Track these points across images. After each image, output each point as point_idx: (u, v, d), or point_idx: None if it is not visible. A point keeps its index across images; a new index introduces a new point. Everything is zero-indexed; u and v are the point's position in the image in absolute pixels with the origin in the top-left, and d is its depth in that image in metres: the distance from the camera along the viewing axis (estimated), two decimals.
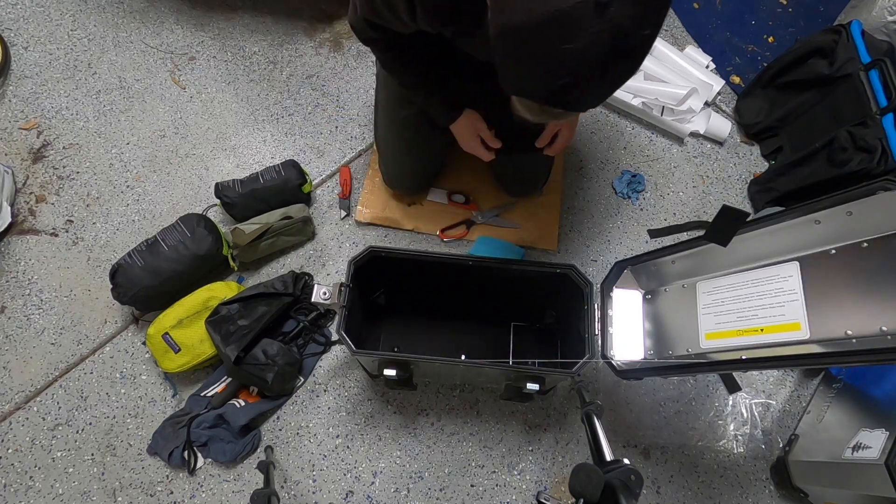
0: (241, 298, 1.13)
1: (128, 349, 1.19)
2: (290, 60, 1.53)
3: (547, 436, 1.17)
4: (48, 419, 1.13)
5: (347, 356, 1.21)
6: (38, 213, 1.30)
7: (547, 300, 1.14)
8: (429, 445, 1.15)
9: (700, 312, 0.91)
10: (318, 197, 1.37)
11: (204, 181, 1.36)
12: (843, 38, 1.29)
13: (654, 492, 1.15)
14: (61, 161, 1.35)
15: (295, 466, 1.12)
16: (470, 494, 1.12)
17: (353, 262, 0.95)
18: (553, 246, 1.34)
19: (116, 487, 1.08)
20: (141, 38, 1.52)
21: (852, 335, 0.69)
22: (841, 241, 0.75)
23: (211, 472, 1.10)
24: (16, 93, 1.42)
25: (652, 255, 0.99)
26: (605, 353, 0.98)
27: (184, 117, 1.43)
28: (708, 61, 1.61)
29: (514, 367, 1.01)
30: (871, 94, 1.21)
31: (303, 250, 1.30)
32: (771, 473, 1.18)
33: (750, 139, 1.55)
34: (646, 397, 1.22)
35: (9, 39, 1.47)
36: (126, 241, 1.27)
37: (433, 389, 1.19)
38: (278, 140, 1.42)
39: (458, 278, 1.06)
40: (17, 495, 1.07)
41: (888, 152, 1.13)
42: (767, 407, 1.23)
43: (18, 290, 1.22)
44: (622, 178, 1.43)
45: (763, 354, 0.79)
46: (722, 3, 1.76)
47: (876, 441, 0.96)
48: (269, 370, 1.09)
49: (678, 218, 1.43)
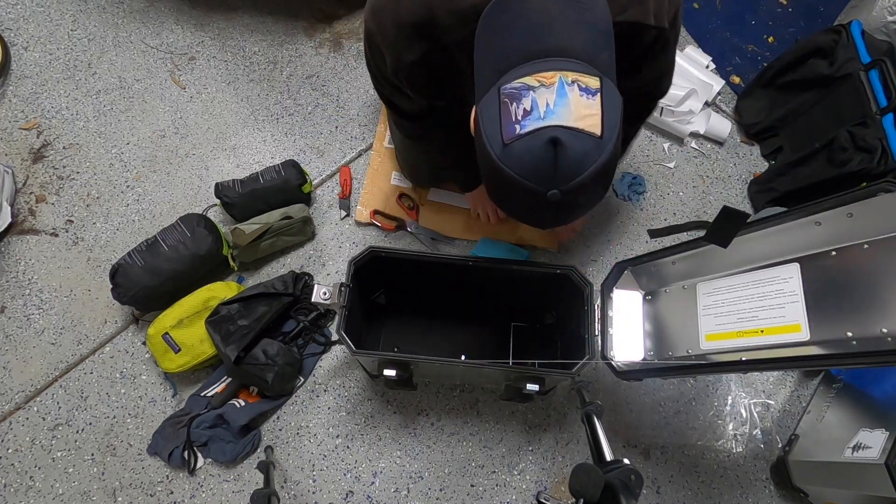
0: (241, 298, 1.13)
1: (128, 349, 1.19)
2: (290, 60, 1.52)
3: (547, 436, 1.17)
4: (48, 419, 1.13)
5: (347, 356, 1.21)
6: (38, 213, 1.30)
7: (547, 300, 1.14)
8: (429, 445, 1.15)
9: (700, 313, 0.91)
10: (318, 197, 1.37)
11: (204, 181, 1.36)
12: (843, 38, 1.29)
13: (654, 492, 1.15)
14: (61, 161, 1.35)
15: (295, 466, 1.12)
16: (470, 494, 1.12)
17: (353, 262, 0.95)
18: (554, 245, 1.34)
19: (116, 487, 1.08)
20: (141, 38, 1.51)
21: (853, 337, 0.69)
22: (841, 243, 0.75)
23: (211, 472, 1.10)
24: (16, 93, 1.42)
25: (652, 255, 0.99)
26: (605, 354, 0.98)
27: (184, 117, 1.43)
28: (708, 61, 1.61)
29: (514, 368, 1.01)
30: (871, 94, 1.21)
31: (303, 250, 1.30)
32: (771, 473, 1.18)
33: (750, 139, 1.55)
34: (646, 397, 1.22)
35: (9, 39, 1.47)
36: (126, 241, 1.27)
37: (433, 389, 1.19)
38: (278, 140, 1.42)
39: (459, 278, 1.06)
40: (17, 495, 1.07)
41: (888, 152, 1.13)
42: (767, 407, 1.23)
43: (18, 290, 1.22)
44: (623, 181, 1.43)
45: (763, 356, 0.79)
46: (722, 3, 1.76)
47: (876, 441, 0.96)
48: (269, 370, 1.09)
49: (678, 218, 1.42)
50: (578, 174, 0.60)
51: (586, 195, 0.64)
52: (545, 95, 0.60)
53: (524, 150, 0.60)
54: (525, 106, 0.61)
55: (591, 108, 0.60)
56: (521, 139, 0.60)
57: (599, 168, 0.61)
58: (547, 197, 0.61)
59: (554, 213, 0.65)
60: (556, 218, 0.68)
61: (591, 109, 0.60)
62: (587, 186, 0.62)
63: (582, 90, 0.60)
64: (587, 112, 0.60)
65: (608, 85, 0.62)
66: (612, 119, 0.61)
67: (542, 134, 0.59)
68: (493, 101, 0.63)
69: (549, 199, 0.61)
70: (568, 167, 0.60)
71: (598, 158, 0.60)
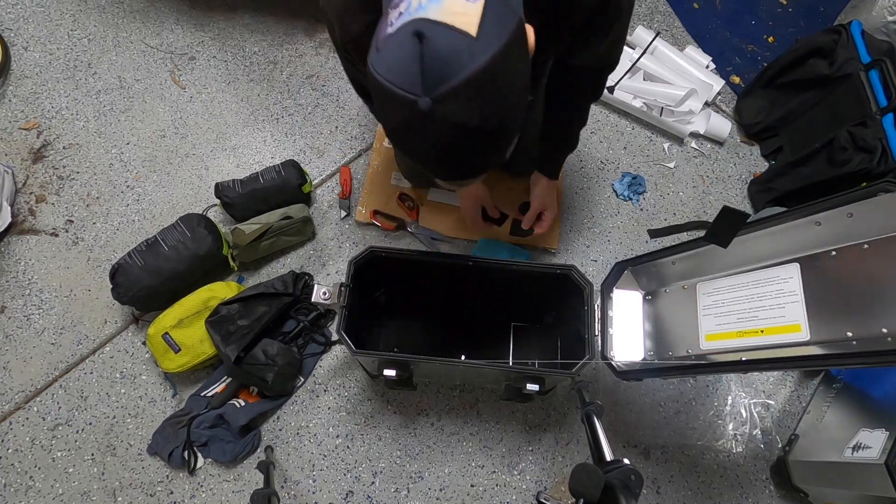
0: (241, 298, 1.13)
1: (128, 349, 1.19)
2: (290, 60, 1.52)
3: (547, 436, 1.17)
4: (48, 419, 1.13)
5: (347, 356, 1.21)
6: (38, 213, 1.30)
7: (547, 300, 1.14)
8: (429, 445, 1.15)
9: (700, 314, 0.91)
10: (318, 197, 1.37)
11: (204, 181, 1.36)
12: (843, 38, 1.29)
13: (654, 492, 1.15)
14: (61, 161, 1.35)
15: (295, 466, 1.12)
16: (470, 494, 1.12)
17: (353, 262, 0.95)
18: (554, 244, 1.34)
19: (116, 487, 1.08)
20: (141, 38, 1.51)
21: (852, 337, 0.69)
22: (842, 243, 0.75)
23: (211, 472, 1.10)
24: (16, 93, 1.42)
25: (652, 255, 0.99)
26: (605, 354, 0.98)
27: (184, 117, 1.43)
28: (708, 61, 1.61)
29: (513, 368, 1.01)
30: (871, 94, 1.21)
31: (303, 250, 1.30)
32: (771, 473, 1.18)
33: (750, 139, 1.55)
34: (646, 397, 1.22)
35: (9, 39, 1.47)
36: (126, 241, 1.27)
37: (433, 389, 1.19)
38: (278, 140, 1.42)
39: (459, 278, 1.06)
40: (17, 495, 1.07)
41: (888, 152, 1.13)
42: (767, 407, 1.23)
43: (18, 290, 1.22)
44: (623, 181, 1.43)
45: (763, 356, 0.79)
46: (722, 3, 1.76)
47: (876, 441, 0.96)
48: (269, 370, 1.09)
49: (678, 218, 1.43)
50: (448, 77, 0.55)
51: (464, 110, 0.57)
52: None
53: (391, 49, 0.57)
54: (400, 9, 0.57)
55: (468, 9, 0.56)
56: (390, 38, 0.57)
57: (474, 75, 0.55)
58: (418, 106, 0.56)
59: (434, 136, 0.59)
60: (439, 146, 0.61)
61: (466, 9, 0.56)
62: (461, 96, 0.56)
63: None
64: (461, 10, 0.55)
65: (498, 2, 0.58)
66: (497, 28, 0.57)
67: (407, 28, 0.55)
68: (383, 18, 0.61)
69: (420, 108, 0.56)
70: (434, 65, 0.55)
71: (471, 63, 0.55)
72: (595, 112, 1.53)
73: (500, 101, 0.59)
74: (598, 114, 1.53)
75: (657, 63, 1.53)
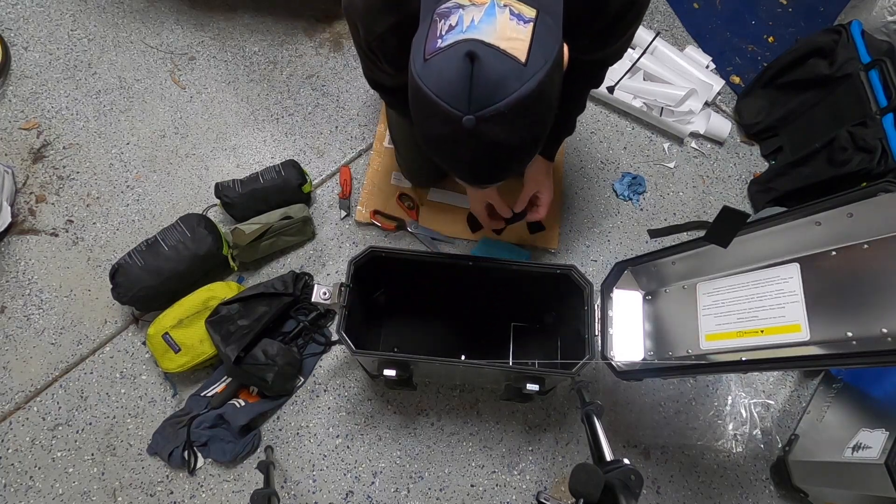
0: (241, 298, 1.13)
1: (128, 349, 1.19)
2: (290, 60, 1.52)
3: (547, 436, 1.17)
4: (48, 419, 1.13)
5: (347, 356, 1.21)
6: (38, 213, 1.30)
7: (547, 300, 1.14)
8: (429, 445, 1.15)
9: (700, 314, 0.91)
10: (318, 197, 1.37)
11: (204, 181, 1.36)
12: (843, 38, 1.29)
13: (654, 492, 1.15)
14: (61, 161, 1.35)
15: (295, 466, 1.12)
16: (470, 494, 1.12)
17: (353, 262, 0.95)
18: (554, 244, 1.34)
19: (116, 487, 1.08)
20: (141, 38, 1.51)
21: (852, 337, 0.69)
22: (841, 243, 0.75)
23: (211, 472, 1.10)
24: (16, 93, 1.42)
25: (652, 255, 0.99)
26: (605, 354, 0.98)
27: (184, 117, 1.43)
28: (708, 61, 1.61)
29: (514, 368, 1.01)
30: (871, 94, 1.21)
31: (303, 250, 1.30)
32: (771, 473, 1.18)
33: (750, 139, 1.55)
34: (646, 397, 1.22)
35: (9, 39, 1.47)
36: (126, 241, 1.27)
37: (433, 389, 1.19)
38: (278, 140, 1.42)
39: (459, 278, 1.06)
40: (17, 495, 1.07)
41: (888, 152, 1.13)
42: (767, 407, 1.23)
43: (18, 290, 1.22)
44: (623, 181, 1.43)
45: (763, 356, 0.79)
46: (722, 3, 1.76)
47: (876, 441, 0.96)
48: (269, 370, 1.09)
49: (678, 218, 1.43)
50: (495, 100, 0.57)
51: (505, 131, 0.60)
52: (473, 13, 0.58)
53: (441, 64, 0.58)
54: (451, 22, 0.58)
55: (519, 33, 0.57)
56: (440, 52, 0.58)
57: (519, 100, 0.57)
58: (462, 123, 0.58)
59: (472, 151, 0.61)
60: (475, 159, 0.63)
61: (518, 34, 0.57)
62: (505, 119, 0.58)
63: (514, 15, 0.58)
64: (513, 35, 0.57)
65: (546, 21, 0.59)
66: (543, 54, 0.58)
67: (460, 47, 0.56)
68: (425, 24, 0.61)
69: (463, 125, 0.58)
70: (483, 87, 0.56)
71: (518, 88, 0.57)
72: (595, 112, 1.53)
73: (538, 122, 0.63)
74: (598, 114, 1.53)
75: (657, 63, 1.53)
